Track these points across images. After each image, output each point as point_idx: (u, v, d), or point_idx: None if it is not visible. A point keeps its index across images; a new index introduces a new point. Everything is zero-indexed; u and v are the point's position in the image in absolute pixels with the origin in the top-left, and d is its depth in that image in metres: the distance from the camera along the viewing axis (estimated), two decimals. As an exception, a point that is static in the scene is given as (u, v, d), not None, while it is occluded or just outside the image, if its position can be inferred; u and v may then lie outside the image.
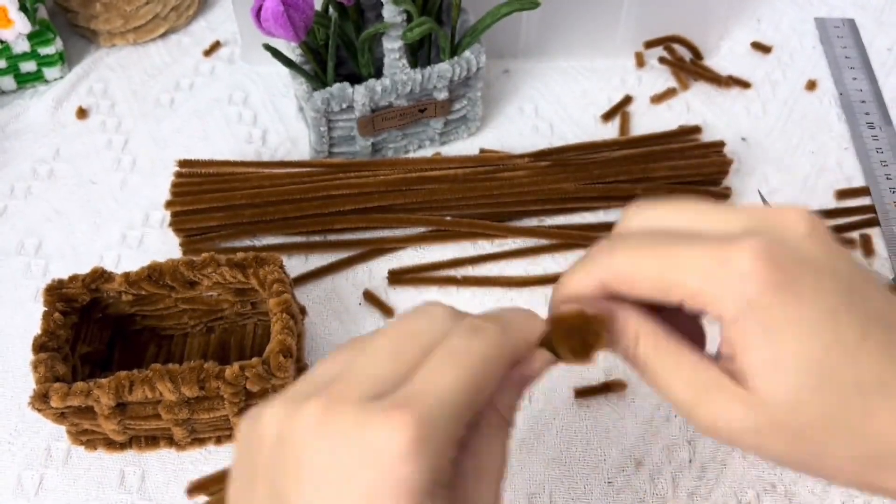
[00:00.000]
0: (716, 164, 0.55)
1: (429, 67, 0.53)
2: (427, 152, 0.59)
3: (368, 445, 0.20)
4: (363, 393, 0.22)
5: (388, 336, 0.24)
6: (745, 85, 0.63)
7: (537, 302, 0.51)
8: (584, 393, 0.47)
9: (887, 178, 0.57)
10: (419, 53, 0.56)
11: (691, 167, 0.55)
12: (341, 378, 0.23)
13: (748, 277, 0.22)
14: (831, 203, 0.56)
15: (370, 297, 0.51)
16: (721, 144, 0.56)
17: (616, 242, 0.25)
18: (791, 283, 0.22)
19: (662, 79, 0.64)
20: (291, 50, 0.54)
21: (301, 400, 0.22)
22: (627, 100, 0.62)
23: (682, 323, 0.26)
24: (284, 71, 0.62)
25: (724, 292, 0.22)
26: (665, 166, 0.55)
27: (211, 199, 0.53)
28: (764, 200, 0.55)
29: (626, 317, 0.25)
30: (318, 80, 0.53)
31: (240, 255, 0.44)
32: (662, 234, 0.25)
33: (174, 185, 0.54)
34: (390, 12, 0.50)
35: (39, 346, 0.42)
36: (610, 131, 0.61)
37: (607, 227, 0.54)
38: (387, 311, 0.51)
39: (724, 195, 0.55)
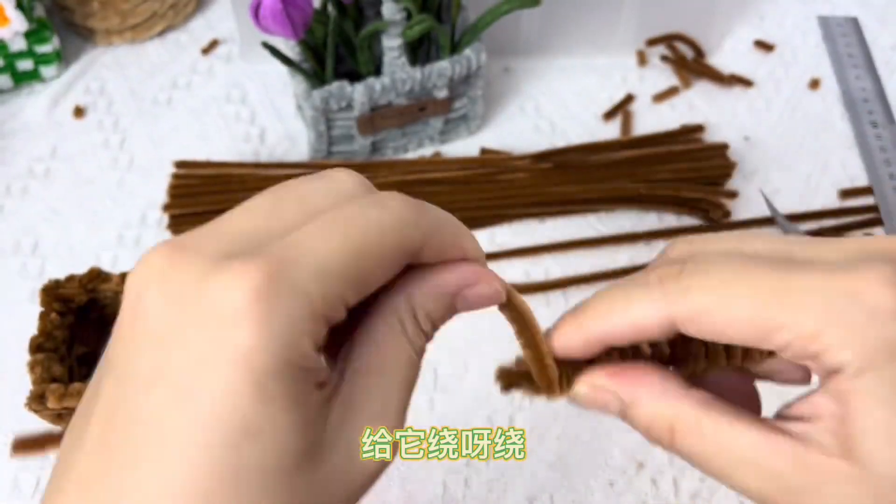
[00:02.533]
0: (719, 166, 0.55)
1: (429, 66, 0.52)
2: (427, 151, 0.59)
3: (206, 303, 0.17)
4: (220, 247, 0.18)
5: (274, 193, 0.20)
6: (747, 83, 0.63)
7: (538, 303, 0.51)
8: (585, 394, 0.46)
9: (890, 178, 0.57)
10: (419, 51, 0.55)
11: (695, 170, 0.54)
12: (204, 230, 0.19)
13: (888, 315, 0.17)
14: (835, 203, 0.56)
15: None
16: (724, 147, 0.56)
17: (692, 269, 0.20)
18: None
19: (664, 77, 0.64)
20: (290, 48, 0.54)
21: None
22: (629, 98, 0.62)
23: (724, 385, 0.22)
24: (283, 69, 0.62)
25: (852, 334, 0.17)
26: (668, 169, 0.54)
27: (209, 201, 0.52)
28: (768, 202, 0.54)
29: (650, 405, 0.21)
30: (316, 78, 0.53)
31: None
32: (757, 260, 0.19)
33: (172, 186, 0.54)
34: (390, 10, 0.50)
35: (36, 347, 0.41)
36: (611, 130, 0.60)
37: (611, 239, 0.54)
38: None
39: (730, 196, 0.54)
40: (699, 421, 0.20)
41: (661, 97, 0.62)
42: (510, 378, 0.24)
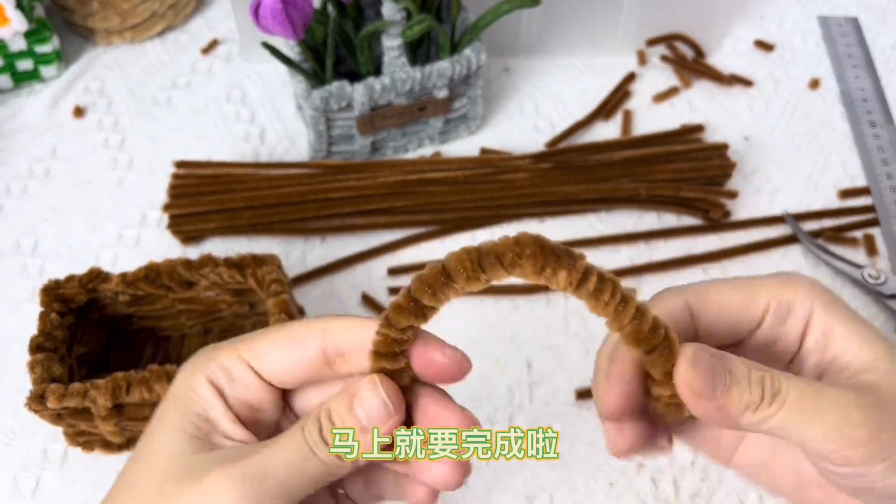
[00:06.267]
0: (719, 166, 0.55)
1: (428, 65, 0.52)
2: (427, 151, 0.59)
3: None
4: None
5: None
6: (747, 83, 0.63)
7: (538, 303, 0.51)
8: (585, 394, 0.46)
9: (888, 178, 0.57)
10: (419, 51, 0.55)
11: (695, 170, 0.54)
12: None
13: (812, 287, 0.27)
14: (834, 202, 0.56)
15: (368, 301, 0.51)
16: (724, 147, 0.56)
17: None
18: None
19: (664, 77, 0.64)
20: (290, 48, 0.54)
21: None
22: (625, 94, 0.62)
23: None
24: (283, 69, 0.62)
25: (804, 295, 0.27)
26: (668, 169, 0.54)
27: (209, 201, 0.52)
28: (793, 223, 0.54)
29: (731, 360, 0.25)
30: (316, 78, 0.53)
31: (238, 254, 0.44)
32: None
33: (171, 186, 0.54)
34: (390, 10, 0.50)
35: (36, 347, 0.41)
36: (612, 129, 0.60)
37: (611, 239, 0.54)
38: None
39: (730, 196, 0.54)
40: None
41: (661, 97, 0.62)
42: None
